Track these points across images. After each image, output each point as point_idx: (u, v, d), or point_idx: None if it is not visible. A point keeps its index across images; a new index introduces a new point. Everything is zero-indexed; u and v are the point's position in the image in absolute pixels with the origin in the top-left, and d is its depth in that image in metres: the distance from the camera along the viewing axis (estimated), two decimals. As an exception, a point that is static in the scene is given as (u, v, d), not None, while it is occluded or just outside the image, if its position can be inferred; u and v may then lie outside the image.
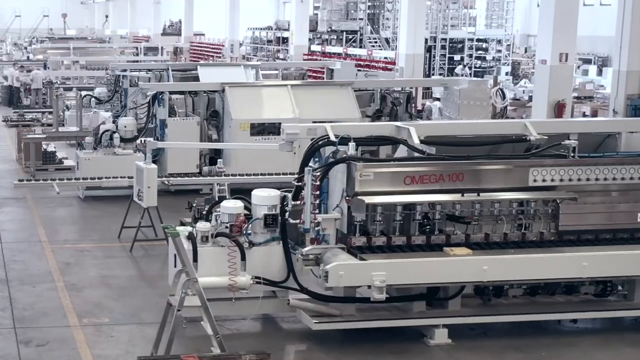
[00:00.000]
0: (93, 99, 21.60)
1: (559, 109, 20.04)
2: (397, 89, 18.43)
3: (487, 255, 8.92)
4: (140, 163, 10.57)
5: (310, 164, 9.19)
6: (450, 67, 39.75)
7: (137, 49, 41.07)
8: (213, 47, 47.20)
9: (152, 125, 16.62)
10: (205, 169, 13.88)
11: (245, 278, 8.99)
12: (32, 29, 64.52)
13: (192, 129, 16.12)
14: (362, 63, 33.33)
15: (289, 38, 39.78)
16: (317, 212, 8.90)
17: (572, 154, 9.39)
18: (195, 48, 49.03)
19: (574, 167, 9.26)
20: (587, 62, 41.36)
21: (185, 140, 15.68)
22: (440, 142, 9.50)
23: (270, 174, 14.37)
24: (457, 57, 40.77)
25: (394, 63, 30.16)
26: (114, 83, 21.52)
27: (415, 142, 9.24)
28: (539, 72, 20.83)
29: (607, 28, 19.89)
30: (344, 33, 41.77)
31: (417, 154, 9.24)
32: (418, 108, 22.37)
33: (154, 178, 10.53)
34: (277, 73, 25.05)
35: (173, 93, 16.76)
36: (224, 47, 44.94)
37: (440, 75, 38.16)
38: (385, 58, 33.36)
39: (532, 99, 22.64)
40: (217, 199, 10.23)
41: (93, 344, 8.96)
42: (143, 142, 11.88)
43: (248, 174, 14.51)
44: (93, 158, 15.58)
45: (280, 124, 10.59)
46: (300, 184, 9.04)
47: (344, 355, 8.83)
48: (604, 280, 9.52)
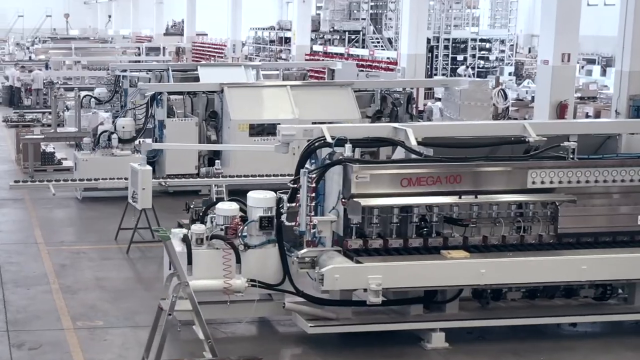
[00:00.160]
0: (93, 100, 21.52)
1: (561, 110, 19.93)
2: (397, 90, 18.34)
3: (484, 259, 8.83)
4: (135, 164, 10.48)
5: (307, 166, 9.13)
6: (454, 67, 39.64)
7: (139, 49, 41.01)
8: (215, 47, 47.14)
9: (150, 126, 16.54)
10: (203, 170, 13.77)
11: (240, 281, 8.92)
12: (35, 29, 64.55)
13: (190, 130, 16.01)
14: (364, 63, 33.26)
15: (291, 38, 39.66)
16: (312, 214, 8.80)
17: (571, 156, 9.29)
18: (198, 48, 48.97)
19: (573, 169, 9.16)
20: (590, 62, 41.25)
21: (184, 141, 15.58)
22: (438, 143, 9.43)
23: (269, 175, 14.26)
24: (460, 57, 40.65)
25: (396, 63, 30.05)
26: (114, 83, 21.45)
27: (413, 143, 9.16)
28: (541, 72, 20.75)
29: (611, 28, 19.79)
30: (347, 33, 41.66)
31: (414, 156, 9.15)
32: (420, 109, 22.22)
33: (149, 180, 10.43)
34: (277, 73, 24.97)
35: (172, 93, 16.65)
36: (226, 47, 44.87)
37: (444, 76, 38.05)
38: (388, 58, 33.25)
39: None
40: (214, 201, 10.14)
41: (86, 348, 8.88)
42: (139, 143, 11.82)
43: (246, 175, 14.41)
44: (91, 159, 15.47)
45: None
46: (296, 186, 8.95)
47: (340, 359, 8.72)
48: (604, 284, 9.41)
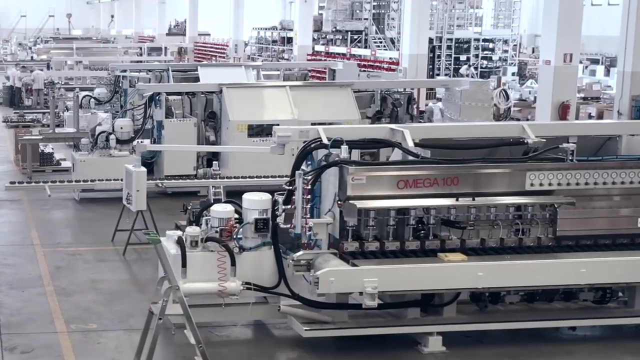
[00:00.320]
0: (92, 100, 21.44)
1: (563, 110, 19.82)
2: (398, 90, 18.22)
3: (482, 261, 8.72)
4: (130, 166, 10.38)
5: (303, 167, 9.03)
6: (456, 67, 39.54)
7: (140, 49, 40.94)
8: (217, 47, 47.06)
9: (149, 127, 16.45)
10: (200, 172, 13.67)
11: (235, 284, 8.82)
12: (37, 29, 64.52)
13: (189, 131, 15.92)
14: (366, 63, 33.15)
15: (293, 38, 39.57)
16: (308, 216, 8.70)
17: (570, 158, 9.17)
18: (200, 48, 48.90)
19: (572, 171, 9.04)
20: (594, 62, 41.12)
21: (182, 142, 15.48)
22: (436, 145, 9.33)
23: (267, 177, 14.15)
24: (463, 57, 40.53)
25: (398, 64, 29.93)
26: (114, 84, 21.37)
27: (410, 145, 9.06)
28: (543, 72, 20.65)
29: (615, 28, 19.69)
30: (349, 33, 41.55)
31: (411, 157, 9.05)
32: (421, 109, 22.09)
33: (143, 181, 10.33)
34: (278, 74, 24.88)
35: (170, 94, 16.56)
36: (228, 47, 44.79)
37: (446, 76, 37.95)
38: (391, 59, 33.13)
39: (538, 100, 22.38)
40: (212, 202, 10.05)
41: (79, 351, 8.78)
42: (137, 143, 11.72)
43: (244, 177, 14.31)
44: (88, 160, 15.37)
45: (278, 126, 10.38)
46: (292, 188, 8.85)
47: (336, 363, 8.68)
48: (604, 287, 9.29)
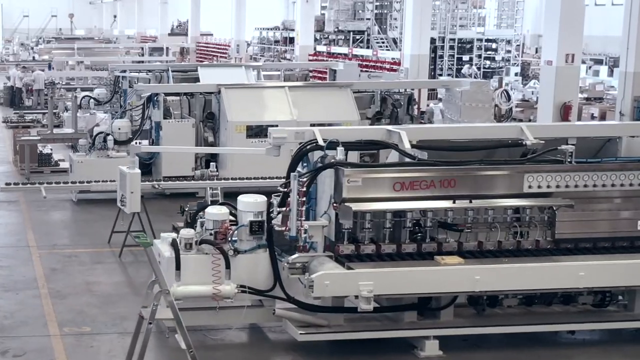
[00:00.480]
0: (92, 100, 21.36)
1: (565, 111, 19.70)
2: (399, 91, 18.11)
3: (479, 265, 8.61)
4: (124, 168, 10.28)
5: (299, 169, 8.93)
6: (459, 67, 39.42)
7: (142, 50, 40.86)
8: (219, 47, 46.97)
9: (147, 128, 16.35)
10: (198, 173, 13.56)
11: (230, 287, 8.74)
12: (40, 29, 64.50)
13: (187, 131, 15.81)
14: (367, 64, 33.03)
15: (295, 38, 39.47)
16: (303, 218, 8.60)
17: (569, 160, 9.06)
18: (202, 48, 48.80)
19: (571, 173, 8.94)
20: (598, 62, 41.02)
21: (180, 143, 15.38)
22: (433, 146, 9.23)
23: (264, 178, 14.03)
24: (466, 57, 40.41)
25: (400, 64, 29.80)
26: (113, 84, 21.27)
27: (406, 146, 8.96)
28: (545, 73, 20.54)
29: (618, 28, 19.61)
30: (351, 33, 41.44)
31: (408, 159, 8.95)
32: (422, 110, 21.98)
33: (138, 183, 10.24)
34: (279, 74, 24.78)
35: (169, 94, 16.46)
36: (230, 47, 44.69)
37: (449, 76, 37.83)
38: (393, 59, 33.00)
39: (540, 101, 22.24)
40: (208, 204, 9.95)
41: (71, 355, 8.70)
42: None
43: (241, 178, 14.20)
44: (86, 161, 15.26)
45: (277, 127, 10.31)
46: (287, 190, 8.75)
47: (331, 367, 8.59)
48: (603, 290, 9.18)
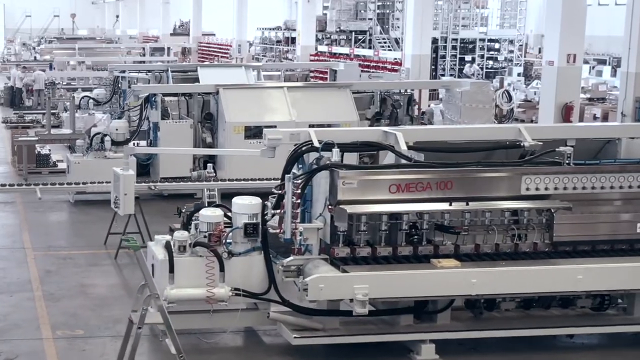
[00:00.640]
0: (91, 101, 21.27)
1: (567, 112, 19.56)
2: (400, 91, 18.00)
3: (475, 268, 8.50)
4: (118, 169, 10.20)
5: (294, 171, 8.84)
6: (461, 67, 39.29)
7: (143, 50, 40.76)
8: (221, 47, 46.87)
9: (145, 128, 16.25)
10: (194, 174, 13.46)
11: (224, 290, 8.66)
12: (42, 29, 64.44)
13: (185, 132, 15.71)
14: (369, 64, 32.90)
15: (296, 38, 39.37)
16: (298, 221, 8.50)
17: (567, 161, 8.95)
18: (203, 48, 48.70)
19: (569, 175, 8.83)
20: (601, 62, 40.85)
21: (178, 144, 15.28)
22: (430, 148, 9.13)
23: (261, 179, 13.91)
24: (468, 57, 40.27)
25: (402, 64, 29.67)
26: (113, 84, 21.18)
27: (402, 148, 8.86)
28: (546, 73, 20.36)
29: (622, 28, 19.50)
30: (353, 33, 41.32)
31: (404, 161, 8.84)
32: (423, 110, 21.86)
33: (131, 185, 10.14)
34: (279, 74, 24.69)
35: (167, 95, 16.36)
36: (232, 47, 44.58)
37: (451, 77, 37.70)
38: (395, 59, 32.87)
39: (543, 101, 22.09)
40: (205, 205, 9.86)
41: (63, 358, 8.61)
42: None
43: (238, 179, 14.09)
44: (83, 162, 15.17)
45: (275, 128, 10.23)
46: (282, 192, 8.66)
47: (326, 372, 8.49)
48: (602, 294, 9.05)
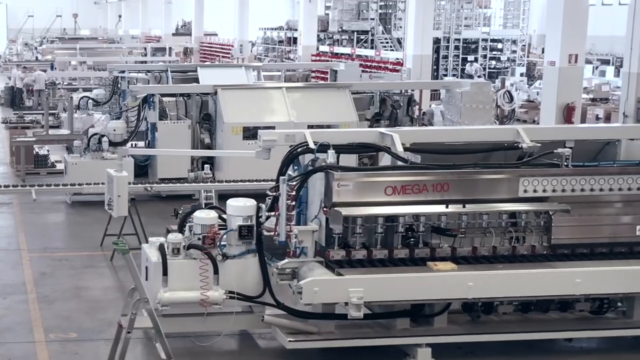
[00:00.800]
0: (90, 101, 21.18)
1: (568, 112, 19.46)
2: (401, 91, 17.89)
3: (472, 271, 8.39)
4: (111, 171, 10.11)
5: (290, 172, 8.75)
6: (464, 67, 39.15)
7: (145, 50, 40.69)
8: (222, 47, 46.79)
9: (143, 129, 16.16)
10: (191, 175, 13.37)
11: (218, 293, 8.56)
12: (45, 29, 64.40)
13: (183, 133, 15.61)
14: (370, 64, 32.79)
15: (298, 38, 39.27)
16: (293, 223, 8.40)
17: (565, 163, 8.84)
18: (205, 48, 48.63)
19: (568, 177, 8.72)
20: (605, 62, 40.70)
21: (176, 145, 15.20)
22: (427, 149, 9.02)
23: (259, 180, 13.79)
24: (471, 57, 40.13)
25: (403, 64, 29.57)
26: (112, 84, 21.09)
27: (399, 149, 8.76)
28: (548, 73, 20.28)
29: (625, 28, 19.45)
30: (355, 33, 41.21)
31: (400, 163, 8.74)
32: (423, 111, 21.76)
33: (125, 186, 10.05)
34: (280, 74, 24.60)
35: (165, 95, 16.26)
36: (233, 47, 44.50)
37: (454, 77, 37.57)
38: (397, 59, 32.76)
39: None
40: (203, 207, 9.80)
41: (55, 362, 8.53)
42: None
43: (235, 180, 13.98)
44: (80, 162, 15.08)
45: (274, 128, 10.15)
46: (276, 194, 8.56)
47: (321, 375, 8.39)
48: (601, 297, 8.95)
